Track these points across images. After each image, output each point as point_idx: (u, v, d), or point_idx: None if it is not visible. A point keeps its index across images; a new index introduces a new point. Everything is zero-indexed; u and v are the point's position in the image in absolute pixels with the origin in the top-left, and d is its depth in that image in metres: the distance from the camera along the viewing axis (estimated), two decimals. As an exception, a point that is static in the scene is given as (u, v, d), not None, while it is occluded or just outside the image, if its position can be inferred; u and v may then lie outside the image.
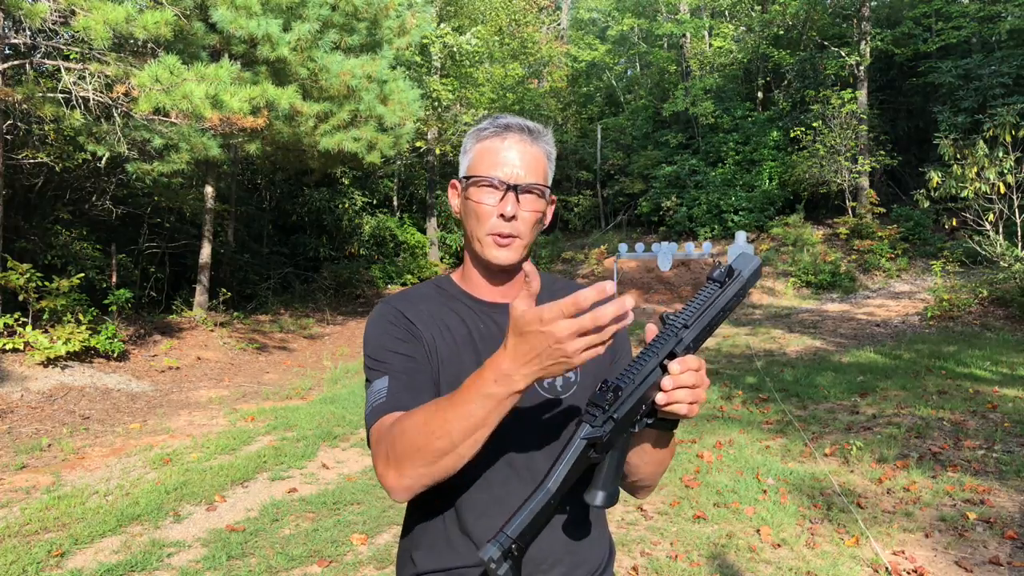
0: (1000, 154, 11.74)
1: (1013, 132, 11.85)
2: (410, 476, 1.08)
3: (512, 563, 1.01)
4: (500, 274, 1.32)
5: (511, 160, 1.25)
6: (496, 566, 0.99)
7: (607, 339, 0.92)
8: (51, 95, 8.63)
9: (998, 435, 5.61)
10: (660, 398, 1.07)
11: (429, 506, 1.28)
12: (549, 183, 1.30)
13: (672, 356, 1.09)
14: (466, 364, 1.26)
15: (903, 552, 3.76)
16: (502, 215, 1.23)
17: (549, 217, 1.35)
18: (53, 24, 8.27)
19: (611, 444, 1.09)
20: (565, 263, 19.85)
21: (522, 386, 0.97)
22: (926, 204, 13.05)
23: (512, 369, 0.96)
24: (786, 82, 21.86)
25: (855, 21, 19.30)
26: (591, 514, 1.31)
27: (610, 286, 0.90)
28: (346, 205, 19.08)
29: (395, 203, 22.54)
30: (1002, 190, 11.72)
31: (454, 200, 1.35)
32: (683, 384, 1.06)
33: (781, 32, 21.02)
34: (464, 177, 1.29)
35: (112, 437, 6.41)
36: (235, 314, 12.79)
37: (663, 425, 1.15)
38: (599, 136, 24.67)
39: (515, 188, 1.23)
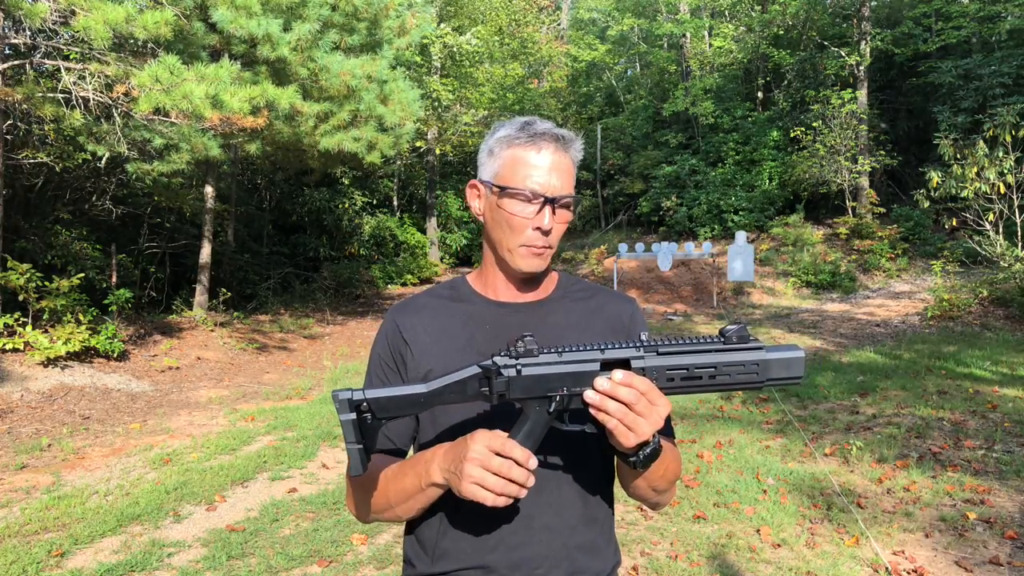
0: (1000, 154, 11.74)
1: (1013, 132, 11.85)
2: (364, 518, 1.31)
3: (357, 420, 1.06)
4: (523, 280, 1.32)
5: (545, 171, 1.23)
6: (339, 407, 1.06)
7: (496, 490, 1.05)
8: (51, 95, 8.63)
9: (998, 435, 5.61)
10: (588, 395, 1.05)
11: (427, 511, 1.28)
12: (574, 186, 1.30)
13: (626, 367, 1.06)
14: None
15: (903, 552, 3.76)
16: (539, 228, 1.23)
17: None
18: (53, 24, 8.27)
19: (504, 396, 1.07)
20: (565, 263, 19.85)
21: (437, 479, 1.13)
22: (926, 204, 13.05)
23: (436, 464, 1.14)
24: (786, 82, 21.85)
25: (855, 21, 19.30)
26: (595, 523, 1.29)
27: (533, 462, 1.06)
28: (346, 205, 19.08)
29: (395, 203, 22.54)
30: (1002, 190, 11.72)
31: (474, 202, 1.33)
32: (618, 396, 1.03)
33: (781, 32, 21.02)
34: (496, 186, 1.26)
35: (112, 437, 6.41)
36: (235, 314, 12.78)
37: (618, 454, 1.14)
38: (599, 136, 24.67)
39: (552, 201, 1.23)
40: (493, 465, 1.04)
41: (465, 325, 1.30)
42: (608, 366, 1.07)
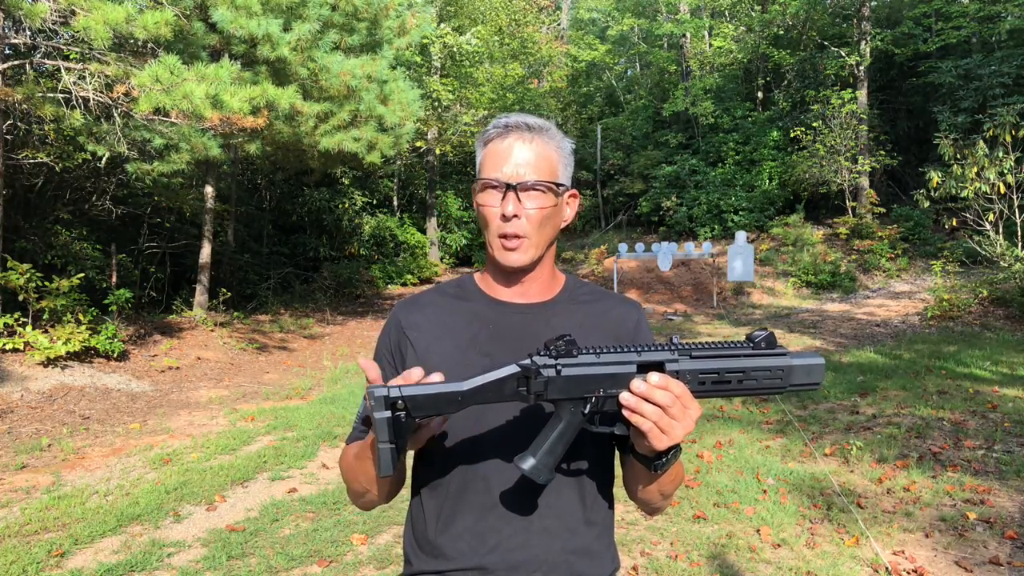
0: (1000, 154, 11.74)
1: (1013, 132, 11.84)
2: (354, 503, 1.35)
3: (392, 419, 1.03)
4: (513, 275, 1.31)
5: (512, 159, 1.24)
6: (375, 404, 1.02)
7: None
8: (51, 95, 8.63)
9: (998, 435, 5.61)
10: (624, 397, 1.05)
11: (426, 509, 1.28)
12: (561, 178, 1.28)
13: (661, 369, 1.06)
14: (472, 365, 1.24)
15: (903, 552, 3.76)
16: (503, 216, 1.23)
17: (572, 213, 1.33)
18: (53, 24, 8.27)
19: (542, 396, 1.07)
20: (565, 263, 19.85)
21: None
22: (926, 204, 13.05)
23: None
24: (786, 82, 21.86)
25: (855, 21, 19.31)
26: (595, 527, 1.28)
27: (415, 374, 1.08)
28: (346, 205, 19.08)
29: (395, 203, 22.54)
30: (1002, 190, 11.71)
31: (475, 202, 1.35)
32: (654, 399, 1.03)
33: (781, 32, 21.03)
34: (475, 180, 1.30)
35: (112, 437, 6.41)
36: (235, 314, 12.78)
37: (639, 457, 1.14)
38: (599, 136, 24.67)
39: (514, 187, 1.22)
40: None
41: (469, 324, 1.30)
42: (643, 368, 1.07)
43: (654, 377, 1.04)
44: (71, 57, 9.22)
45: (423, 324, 1.32)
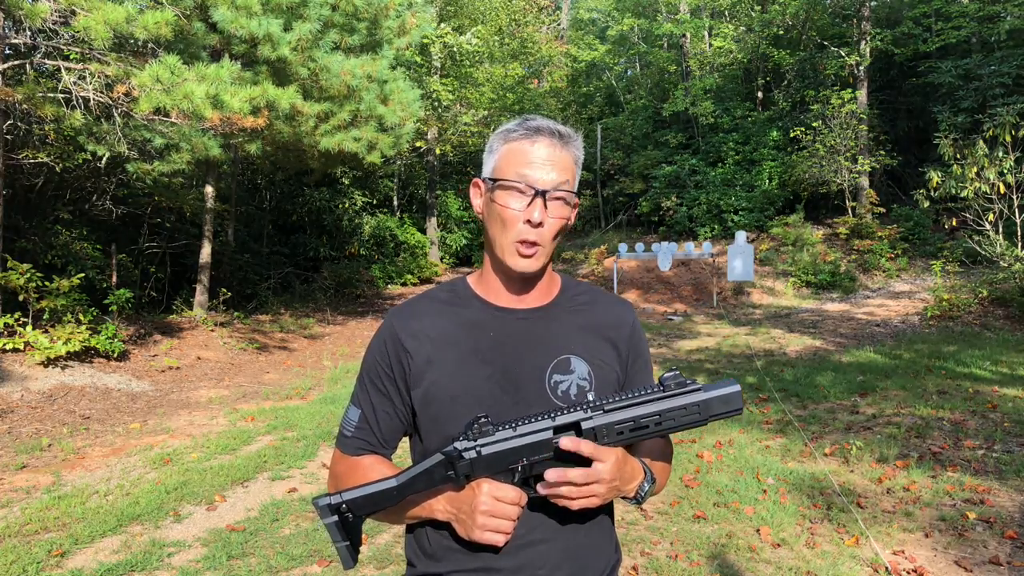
0: (1000, 154, 11.74)
1: (1013, 132, 11.84)
2: None
3: (339, 521, 1.17)
4: (519, 280, 1.29)
5: (540, 164, 1.21)
6: (321, 512, 1.17)
7: (504, 530, 1.14)
8: (51, 95, 8.63)
9: (998, 435, 5.61)
10: (540, 489, 1.14)
11: None
12: (576, 188, 1.27)
13: (577, 429, 1.12)
14: (474, 376, 1.24)
15: (903, 552, 3.76)
16: (528, 221, 1.20)
17: (572, 220, 1.32)
18: (53, 24, 8.26)
19: (470, 476, 1.14)
20: (565, 263, 19.86)
21: (439, 518, 1.20)
22: (926, 204, 13.05)
23: (440, 505, 1.19)
24: (786, 82, 21.86)
25: (855, 21, 19.30)
26: (595, 522, 1.29)
27: (524, 499, 1.15)
28: (346, 205, 19.08)
29: (395, 203, 22.54)
30: (1002, 190, 11.71)
31: (476, 200, 1.31)
32: (568, 480, 1.12)
33: (781, 32, 21.02)
34: (490, 179, 1.25)
35: (112, 437, 6.41)
36: (235, 314, 12.78)
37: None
38: (599, 136, 24.66)
39: (543, 194, 1.20)
40: (501, 511, 1.13)
41: (469, 332, 1.27)
42: (560, 431, 1.13)
43: (551, 474, 1.12)
44: (71, 57, 9.22)
45: (421, 334, 1.27)
